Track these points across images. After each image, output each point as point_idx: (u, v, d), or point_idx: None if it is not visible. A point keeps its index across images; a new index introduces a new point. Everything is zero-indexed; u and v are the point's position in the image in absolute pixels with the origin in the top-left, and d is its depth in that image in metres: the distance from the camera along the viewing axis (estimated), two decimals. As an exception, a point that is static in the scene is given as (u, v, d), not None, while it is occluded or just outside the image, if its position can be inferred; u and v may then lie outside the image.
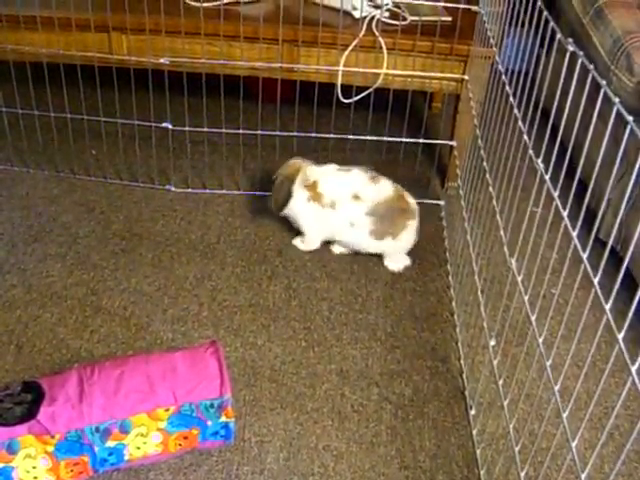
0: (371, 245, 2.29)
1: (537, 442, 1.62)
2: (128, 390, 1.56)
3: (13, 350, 1.95)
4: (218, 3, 2.46)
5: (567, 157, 1.36)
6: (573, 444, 1.22)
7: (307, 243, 2.37)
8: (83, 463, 1.56)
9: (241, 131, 2.54)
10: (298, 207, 2.31)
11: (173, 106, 2.50)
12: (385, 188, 2.26)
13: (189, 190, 2.61)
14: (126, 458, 1.59)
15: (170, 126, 2.54)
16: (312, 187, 2.28)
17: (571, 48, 1.28)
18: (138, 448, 1.58)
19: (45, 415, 1.51)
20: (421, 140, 2.60)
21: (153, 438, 1.58)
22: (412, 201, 2.31)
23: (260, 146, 2.59)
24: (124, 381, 1.57)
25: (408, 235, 2.29)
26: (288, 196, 2.29)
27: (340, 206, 2.26)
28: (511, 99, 1.71)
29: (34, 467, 1.53)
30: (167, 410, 1.57)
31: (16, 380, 1.80)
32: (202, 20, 2.34)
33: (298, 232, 2.38)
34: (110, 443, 1.55)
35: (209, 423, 1.61)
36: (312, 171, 2.31)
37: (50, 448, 1.52)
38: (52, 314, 2.07)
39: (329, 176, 2.30)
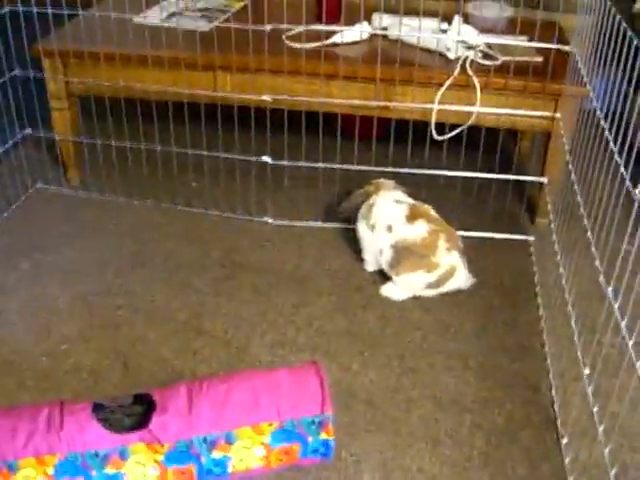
0: (389, 273, 2.39)
1: (630, 474, 1.65)
2: (234, 404, 1.64)
3: (120, 368, 2.06)
4: (319, 44, 2.58)
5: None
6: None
7: (365, 261, 2.49)
8: (189, 473, 1.64)
9: (337, 166, 2.63)
10: (357, 222, 2.49)
11: (273, 142, 2.61)
12: (416, 231, 2.30)
13: (286, 222, 2.71)
14: (230, 470, 1.66)
15: (270, 160, 2.65)
16: (369, 208, 2.43)
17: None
18: (241, 460, 1.65)
19: (156, 425, 1.60)
20: (513, 176, 2.64)
21: (256, 452, 1.65)
22: (442, 258, 2.30)
23: (355, 181, 2.68)
24: (231, 395, 1.65)
25: (409, 279, 2.33)
26: (355, 207, 2.48)
27: (377, 232, 2.38)
28: (607, 133, 1.76)
29: (144, 474, 1.61)
30: (270, 425, 1.64)
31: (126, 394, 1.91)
32: (303, 60, 2.46)
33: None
34: (216, 454, 1.63)
35: (310, 439, 1.67)
36: (378, 193, 2.46)
37: (159, 457, 1.61)
38: (157, 335, 2.18)
39: (384, 202, 2.42)
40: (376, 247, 2.39)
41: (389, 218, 2.36)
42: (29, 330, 2.18)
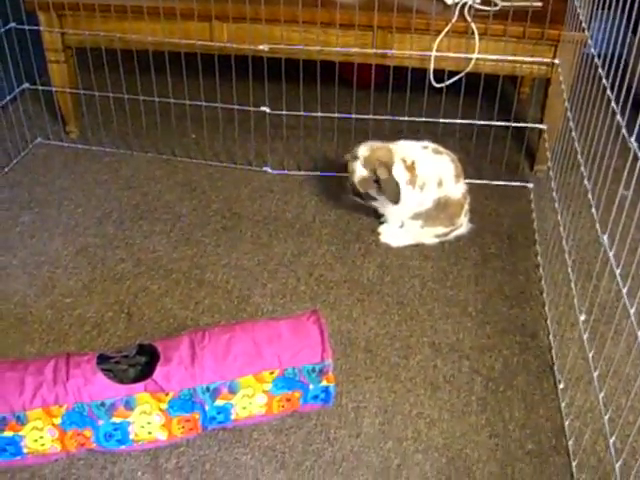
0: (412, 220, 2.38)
1: (624, 415, 1.68)
2: (236, 354, 1.67)
3: (124, 318, 2.10)
4: (315, -9, 2.56)
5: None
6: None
7: (392, 226, 2.43)
8: (194, 420, 1.68)
9: (336, 114, 2.63)
10: (391, 203, 2.30)
11: (271, 91, 2.60)
12: (458, 191, 2.33)
13: (285, 172, 2.72)
14: (233, 417, 1.71)
15: (268, 110, 2.65)
16: (411, 168, 2.29)
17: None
18: (244, 408, 1.69)
19: (160, 374, 1.64)
20: (512, 124, 2.64)
21: (258, 399, 1.69)
22: (461, 218, 2.37)
23: (354, 129, 2.68)
24: (233, 345, 1.68)
25: (430, 231, 2.37)
26: (399, 186, 2.27)
27: (427, 189, 2.30)
28: (604, 81, 1.75)
29: (149, 423, 1.66)
30: (272, 373, 1.68)
31: (129, 345, 1.94)
32: (300, 8, 2.44)
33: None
34: (219, 402, 1.67)
35: (311, 387, 1.71)
36: (407, 151, 2.32)
37: (164, 405, 1.65)
38: (159, 286, 2.21)
39: (425, 157, 2.32)
40: (422, 206, 2.32)
41: (440, 172, 2.30)
42: (33, 284, 2.20)
